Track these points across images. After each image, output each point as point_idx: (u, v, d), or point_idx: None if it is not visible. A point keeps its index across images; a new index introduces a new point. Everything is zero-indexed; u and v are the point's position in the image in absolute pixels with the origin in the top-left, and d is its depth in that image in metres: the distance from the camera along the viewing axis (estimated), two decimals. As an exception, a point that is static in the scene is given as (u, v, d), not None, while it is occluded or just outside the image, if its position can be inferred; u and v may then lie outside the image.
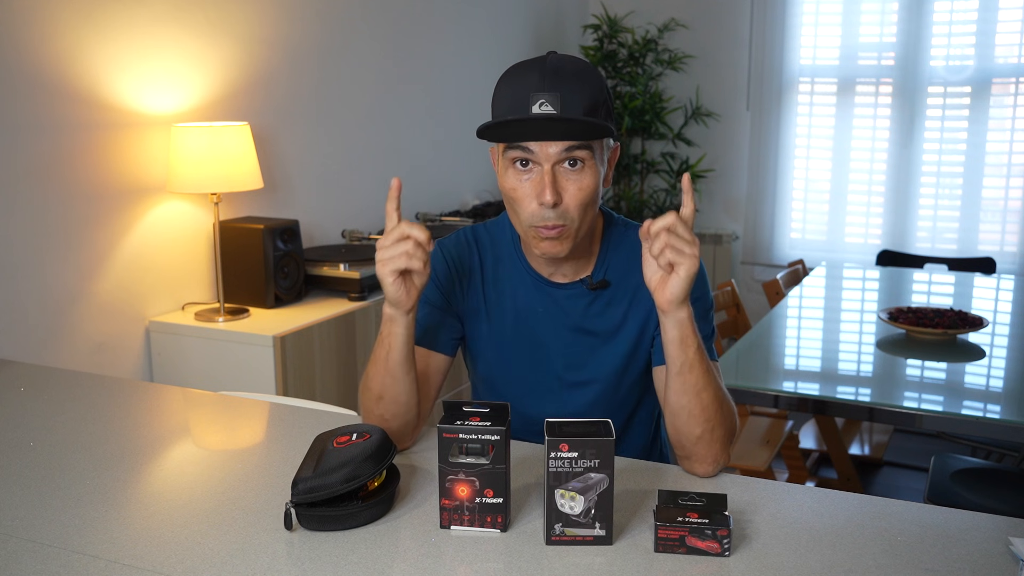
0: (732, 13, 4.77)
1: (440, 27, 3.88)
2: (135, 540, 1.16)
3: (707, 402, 1.30)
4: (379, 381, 1.37)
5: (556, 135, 1.30)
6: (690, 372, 1.29)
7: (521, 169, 1.34)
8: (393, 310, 1.32)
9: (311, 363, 2.61)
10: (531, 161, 1.33)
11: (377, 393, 1.37)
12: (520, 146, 1.32)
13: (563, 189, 1.32)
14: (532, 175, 1.33)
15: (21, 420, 1.62)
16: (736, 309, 3.23)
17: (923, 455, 3.47)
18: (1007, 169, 4.34)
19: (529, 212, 1.34)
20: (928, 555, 1.11)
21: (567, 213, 1.33)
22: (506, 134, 1.32)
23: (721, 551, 1.10)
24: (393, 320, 1.33)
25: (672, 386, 1.31)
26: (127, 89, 2.51)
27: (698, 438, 1.31)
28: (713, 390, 1.31)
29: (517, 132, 1.31)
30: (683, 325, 1.27)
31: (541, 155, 1.31)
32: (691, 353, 1.28)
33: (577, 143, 1.31)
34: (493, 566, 1.09)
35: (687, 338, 1.28)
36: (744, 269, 4.93)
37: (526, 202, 1.34)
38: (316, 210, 3.22)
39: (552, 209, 1.32)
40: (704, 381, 1.30)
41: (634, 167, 4.79)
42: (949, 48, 4.37)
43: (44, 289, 2.35)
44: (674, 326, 1.27)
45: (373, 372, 1.38)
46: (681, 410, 1.31)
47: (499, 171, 1.40)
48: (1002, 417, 2.13)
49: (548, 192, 1.30)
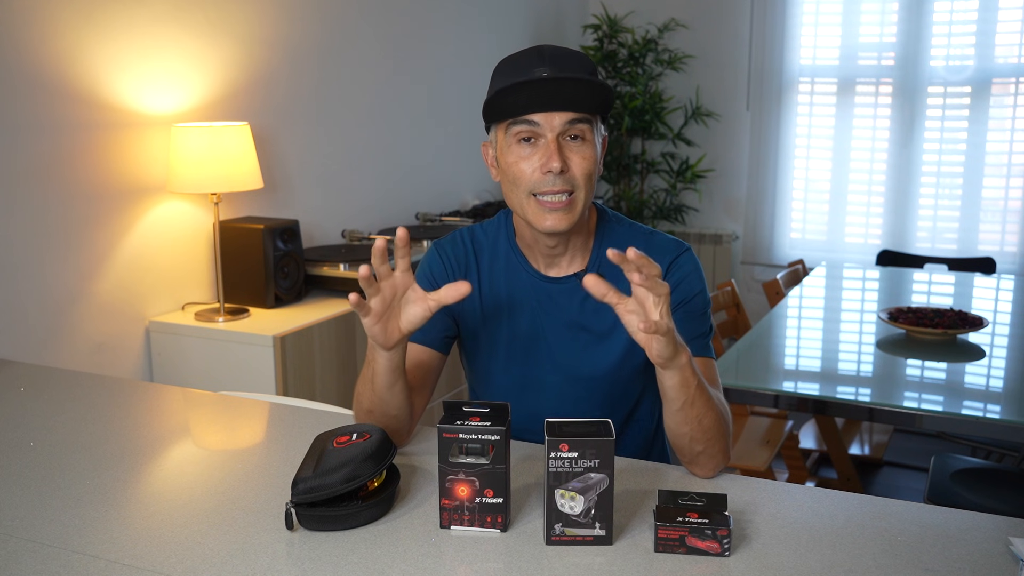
0: (732, 13, 4.77)
1: (440, 27, 3.88)
2: (135, 540, 1.16)
3: (708, 425, 1.29)
4: (368, 398, 1.37)
5: (561, 101, 1.33)
6: (691, 407, 1.27)
7: (524, 144, 1.37)
8: (375, 342, 1.30)
9: (311, 363, 2.61)
10: (534, 136, 1.36)
11: (367, 408, 1.38)
12: (525, 120, 1.35)
13: (568, 159, 1.36)
14: (536, 148, 1.36)
15: (21, 420, 1.62)
16: (736, 309, 3.23)
17: (923, 455, 3.47)
18: (1007, 169, 4.34)
19: (533, 180, 1.36)
20: (928, 555, 1.11)
21: (573, 179, 1.37)
22: (513, 106, 1.35)
23: (721, 551, 1.10)
24: (374, 350, 1.31)
25: (673, 418, 1.29)
26: (127, 89, 2.51)
27: (700, 452, 1.31)
28: (714, 413, 1.29)
29: (523, 104, 1.33)
30: (683, 370, 1.24)
31: (546, 126, 1.35)
32: (691, 391, 1.26)
33: (579, 116, 1.35)
34: (493, 566, 1.09)
35: (687, 380, 1.25)
36: (744, 269, 4.93)
37: (529, 172, 1.36)
38: (316, 210, 3.22)
39: (559, 175, 1.35)
40: (705, 408, 1.28)
41: (634, 167, 4.79)
42: (949, 48, 4.37)
43: (44, 289, 2.35)
44: (674, 374, 1.24)
45: (362, 388, 1.38)
46: (683, 436, 1.30)
47: (499, 151, 1.41)
48: (1002, 417, 2.13)
49: (555, 157, 1.34)
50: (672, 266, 1.46)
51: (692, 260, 1.48)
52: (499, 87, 1.35)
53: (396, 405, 1.36)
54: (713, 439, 1.30)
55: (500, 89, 1.34)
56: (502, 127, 1.39)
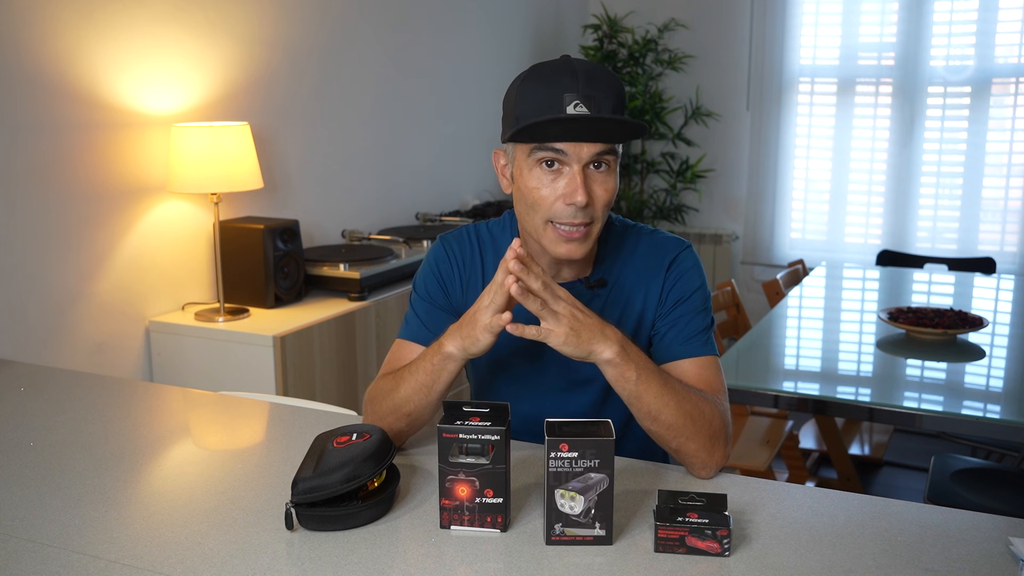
0: (732, 13, 4.77)
1: (440, 27, 3.88)
2: (135, 540, 1.16)
3: (670, 421, 1.30)
4: (415, 404, 1.37)
5: (592, 136, 1.31)
6: (640, 402, 1.29)
7: (547, 169, 1.34)
8: (463, 355, 1.33)
9: (311, 363, 2.61)
10: (559, 162, 1.33)
11: (407, 411, 1.38)
12: (551, 147, 1.32)
13: (591, 190, 1.34)
14: (560, 176, 1.33)
15: (21, 420, 1.62)
16: (736, 309, 3.23)
17: (923, 455, 3.47)
18: (1007, 169, 4.34)
19: (553, 211, 1.34)
20: (928, 555, 1.11)
21: (593, 212, 1.35)
22: (543, 135, 1.32)
23: (721, 551, 1.10)
24: (454, 360, 1.33)
25: (635, 416, 1.33)
26: (127, 89, 2.51)
27: (676, 451, 1.33)
28: (672, 407, 1.29)
29: (554, 133, 1.31)
30: (612, 365, 1.28)
31: (573, 156, 1.32)
32: (631, 386, 1.28)
33: (607, 147, 1.33)
34: (493, 566, 1.09)
35: (624, 374, 1.28)
36: (744, 269, 4.93)
37: (549, 200, 1.34)
38: (316, 210, 3.22)
39: (582, 209, 1.33)
40: (659, 404, 1.29)
41: (634, 167, 4.79)
42: (949, 48, 4.37)
43: (44, 289, 2.35)
44: (605, 369, 1.29)
45: (409, 393, 1.37)
46: (651, 433, 1.33)
47: (516, 169, 1.38)
48: (1002, 417, 2.13)
49: (580, 192, 1.31)
50: (673, 263, 1.46)
51: (692, 256, 1.49)
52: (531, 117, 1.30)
53: (433, 410, 1.39)
54: (682, 435, 1.30)
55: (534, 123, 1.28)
56: (524, 147, 1.35)
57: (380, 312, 2.87)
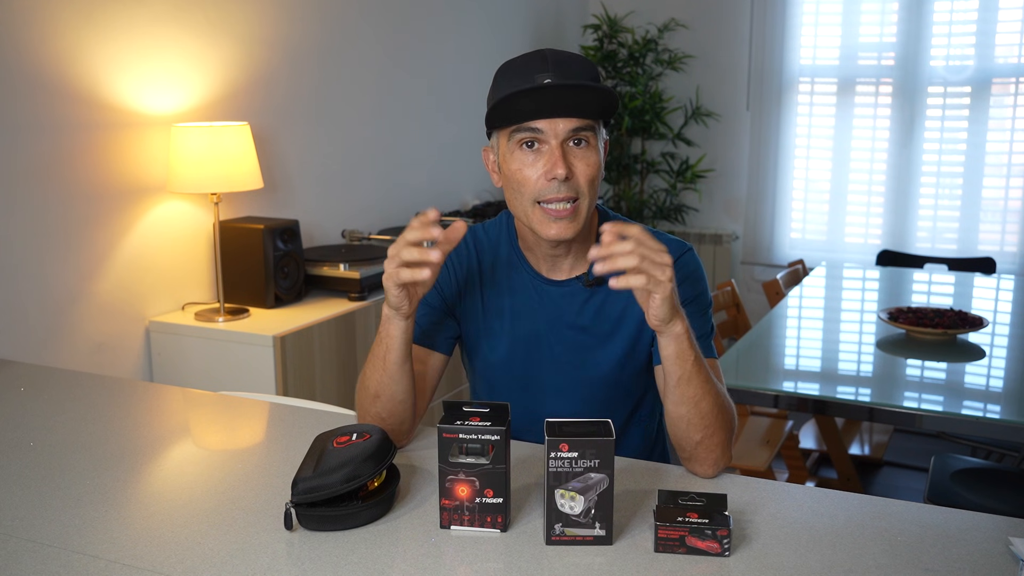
0: (732, 13, 4.77)
1: (440, 27, 3.88)
2: (135, 540, 1.16)
3: (706, 410, 1.30)
4: (376, 380, 1.37)
5: (566, 107, 1.32)
6: (688, 384, 1.29)
7: (528, 150, 1.36)
8: (392, 312, 1.33)
9: (311, 363, 2.61)
10: (538, 141, 1.35)
11: (374, 392, 1.38)
12: (528, 127, 1.34)
13: (572, 165, 1.35)
14: (540, 155, 1.36)
15: (21, 420, 1.62)
16: (736, 309, 3.23)
17: (923, 455, 3.47)
18: (1007, 169, 4.34)
19: (537, 188, 1.36)
20: (928, 555, 1.11)
21: (577, 186, 1.36)
22: (517, 112, 1.34)
23: (721, 551, 1.10)
24: (391, 321, 1.34)
25: (670, 396, 1.31)
26: (127, 89, 2.51)
27: (698, 443, 1.31)
28: (712, 397, 1.30)
29: (528, 110, 1.33)
30: (679, 340, 1.26)
31: (550, 133, 1.34)
32: (688, 366, 1.28)
33: (584, 123, 1.34)
34: (493, 566, 1.09)
35: (684, 352, 1.27)
36: (744, 269, 4.93)
37: (533, 179, 1.36)
38: (316, 210, 3.22)
39: (564, 182, 1.34)
40: (703, 391, 1.29)
41: (634, 167, 4.79)
42: (949, 48, 4.37)
43: (44, 289, 2.35)
44: (670, 342, 1.27)
45: (371, 371, 1.38)
46: (680, 419, 1.31)
47: (501, 158, 1.41)
48: (1002, 417, 2.13)
49: (560, 164, 1.33)
50: (674, 267, 1.46)
51: (694, 260, 1.49)
52: (502, 94, 1.34)
53: (403, 390, 1.37)
54: (711, 428, 1.30)
55: (504, 96, 1.32)
56: (504, 133, 1.39)
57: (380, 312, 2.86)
